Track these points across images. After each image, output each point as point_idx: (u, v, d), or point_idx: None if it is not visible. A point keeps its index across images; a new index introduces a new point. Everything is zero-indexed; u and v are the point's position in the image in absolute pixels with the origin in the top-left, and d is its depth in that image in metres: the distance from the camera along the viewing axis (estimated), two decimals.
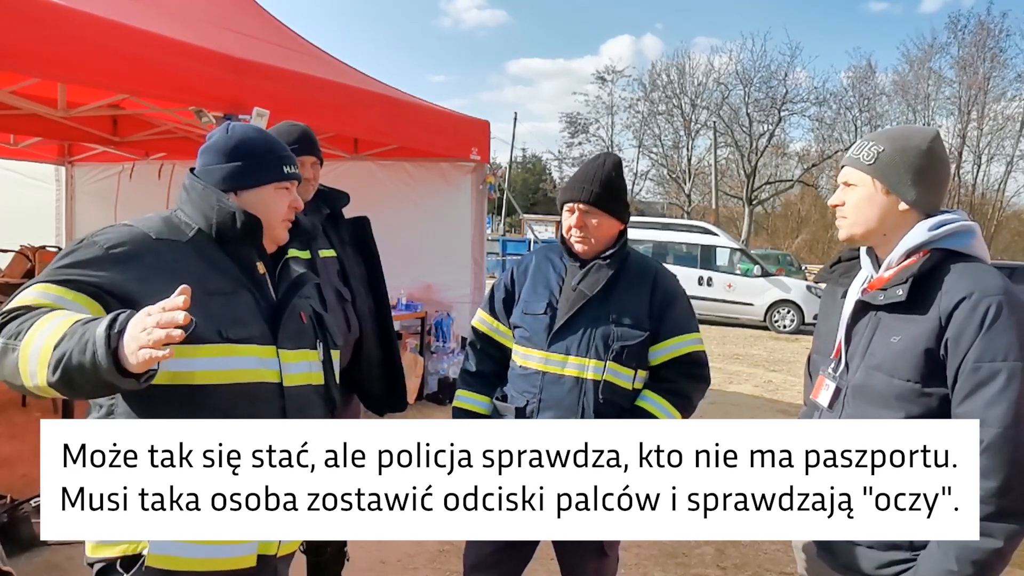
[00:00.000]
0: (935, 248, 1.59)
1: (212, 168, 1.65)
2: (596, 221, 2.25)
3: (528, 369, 2.27)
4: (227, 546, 1.49)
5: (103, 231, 1.55)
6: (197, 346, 1.47)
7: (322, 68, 5.35)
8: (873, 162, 1.64)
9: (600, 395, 2.18)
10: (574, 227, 2.26)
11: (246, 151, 1.66)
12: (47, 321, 1.32)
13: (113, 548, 1.47)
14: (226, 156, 1.65)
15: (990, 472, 1.42)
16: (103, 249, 1.48)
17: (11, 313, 1.37)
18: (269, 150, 1.68)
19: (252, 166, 1.65)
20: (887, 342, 1.59)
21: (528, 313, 2.30)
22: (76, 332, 1.26)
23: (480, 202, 6.66)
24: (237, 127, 1.71)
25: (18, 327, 1.34)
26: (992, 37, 32.14)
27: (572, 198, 2.26)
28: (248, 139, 1.68)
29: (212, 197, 1.61)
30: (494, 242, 23.10)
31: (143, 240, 1.53)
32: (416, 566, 3.59)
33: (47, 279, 1.43)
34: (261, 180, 1.65)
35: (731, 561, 3.88)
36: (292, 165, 1.71)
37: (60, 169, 8.30)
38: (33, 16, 3.15)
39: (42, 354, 1.28)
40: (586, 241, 2.26)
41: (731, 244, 16.18)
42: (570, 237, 2.29)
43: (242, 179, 1.64)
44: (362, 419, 3.04)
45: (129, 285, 1.45)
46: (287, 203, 1.69)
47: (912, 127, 1.75)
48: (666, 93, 37.77)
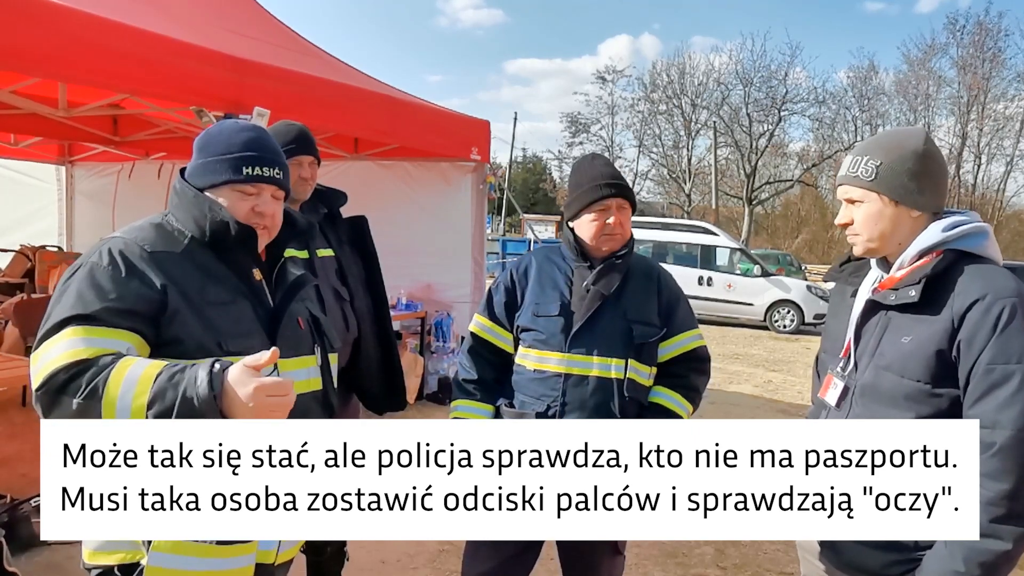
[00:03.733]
0: (948, 249, 1.58)
1: (191, 166, 1.62)
2: (628, 216, 2.27)
3: (545, 372, 2.22)
4: (225, 559, 1.47)
5: (99, 248, 1.51)
6: (198, 360, 1.46)
7: (322, 68, 5.35)
8: (874, 177, 1.62)
9: (625, 393, 2.20)
10: (617, 224, 2.22)
11: (210, 147, 1.60)
12: (120, 377, 1.35)
13: (111, 556, 1.46)
14: (196, 151, 1.61)
15: (1002, 474, 1.42)
16: (109, 270, 1.46)
17: (70, 370, 1.36)
18: (233, 148, 1.58)
19: (210, 164, 1.59)
20: (897, 342, 1.59)
21: (541, 315, 2.25)
22: (167, 392, 1.34)
23: (480, 202, 6.66)
24: (227, 122, 1.65)
25: (89, 384, 1.34)
26: (991, 37, 32.20)
27: (604, 195, 2.21)
28: (219, 136, 1.61)
29: (204, 205, 1.56)
30: (494, 242, 23.10)
31: (140, 254, 1.50)
32: (416, 566, 3.59)
33: (75, 321, 1.41)
34: (215, 179, 1.58)
35: (731, 561, 3.88)
36: (257, 167, 1.58)
37: (60, 169, 8.29)
38: (33, 16, 3.15)
39: (134, 413, 1.34)
40: (621, 238, 2.26)
41: (731, 244, 16.16)
42: (602, 236, 2.23)
43: (200, 176, 1.60)
44: (362, 419, 3.04)
45: (143, 304, 1.46)
46: (248, 207, 1.59)
47: (900, 131, 1.71)
48: (666, 93, 37.79)
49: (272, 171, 1.61)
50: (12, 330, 5.68)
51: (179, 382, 1.34)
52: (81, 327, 1.40)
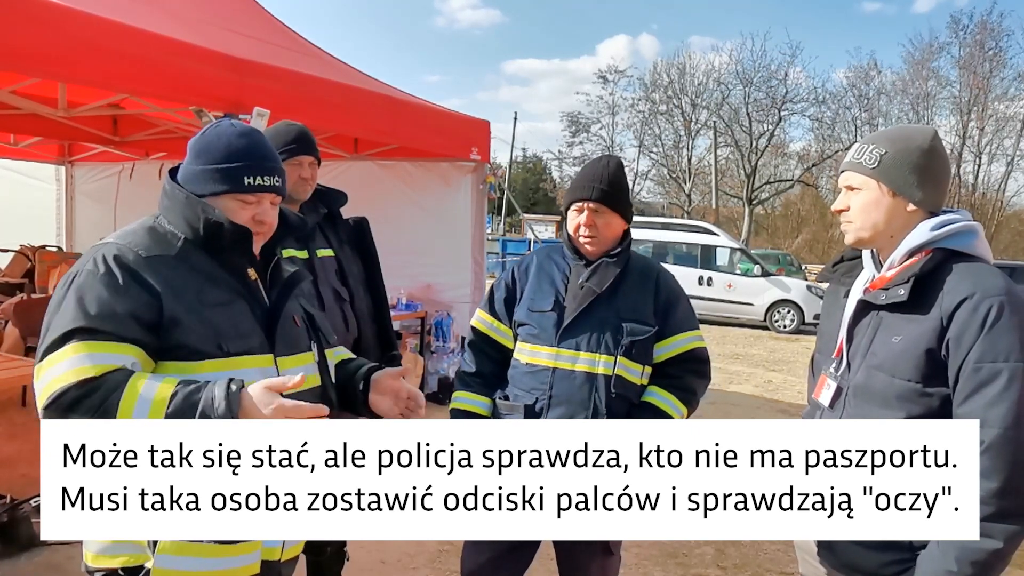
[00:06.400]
0: (937, 248, 1.59)
1: (184, 168, 1.61)
2: (604, 220, 2.27)
3: (536, 366, 2.27)
4: (231, 557, 1.48)
5: (93, 255, 1.50)
6: (198, 362, 1.47)
7: (322, 68, 5.35)
8: (876, 165, 1.63)
9: (612, 390, 2.21)
10: (584, 225, 2.27)
11: (209, 155, 1.58)
12: (133, 398, 1.36)
13: (114, 559, 1.46)
14: (192, 157, 1.60)
15: (991, 473, 1.42)
16: (106, 278, 1.45)
17: (79, 388, 1.36)
18: (234, 157, 1.57)
19: (209, 173, 1.57)
20: (888, 342, 1.59)
21: (535, 310, 2.31)
22: (184, 414, 1.36)
23: (480, 202, 6.66)
24: (223, 125, 1.63)
25: (100, 404, 1.35)
26: (993, 37, 32.19)
27: (581, 197, 2.27)
28: (217, 142, 1.59)
29: (196, 207, 1.55)
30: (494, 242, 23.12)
31: (136, 260, 1.49)
32: (416, 566, 3.59)
33: (78, 335, 1.40)
34: (215, 189, 1.57)
35: (731, 561, 3.88)
36: (259, 176, 1.58)
37: (60, 169, 8.30)
38: (33, 16, 3.15)
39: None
40: (595, 240, 2.28)
41: (731, 244, 16.17)
42: (579, 236, 2.30)
43: (198, 184, 1.58)
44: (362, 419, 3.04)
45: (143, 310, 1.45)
46: (249, 215, 1.59)
47: (910, 127, 1.74)
48: (667, 93, 37.79)
49: (272, 179, 1.61)
50: (12, 330, 5.68)
51: (196, 403, 1.35)
52: (84, 342, 1.39)
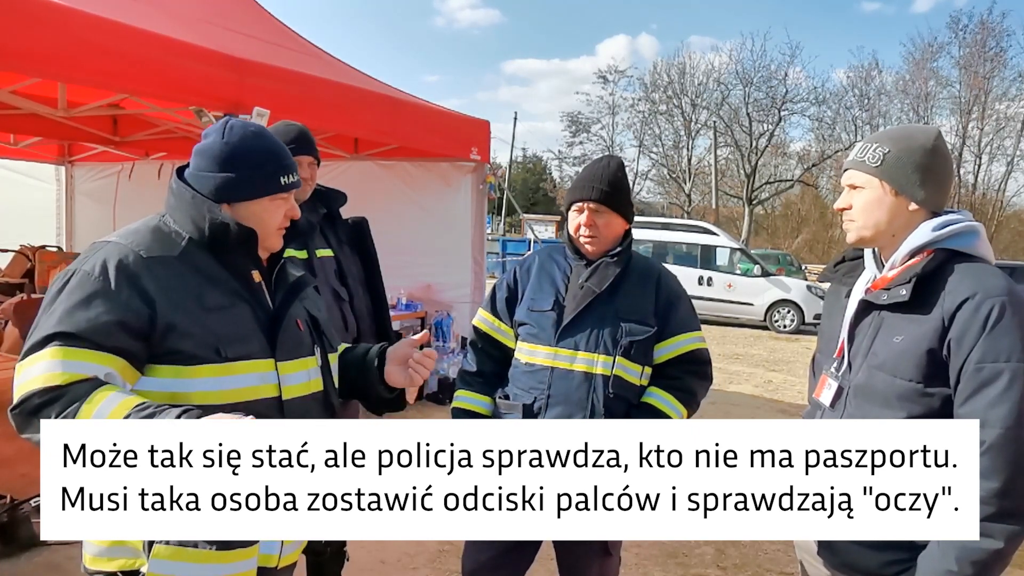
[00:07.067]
0: (939, 248, 1.59)
1: (204, 175, 1.57)
2: (605, 220, 2.27)
3: (535, 365, 2.27)
4: (226, 564, 1.46)
5: (93, 255, 1.49)
6: (195, 367, 1.46)
7: (322, 68, 5.35)
8: (880, 164, 1.63)
9: (610, 390, 2.20)
10: (584, 225, 2.27)
11: (242, 162, 1.57)
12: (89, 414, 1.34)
13: (111, 562, 1.46)
14: (220, 165, 1.57)
15: (991, 473, 1.42)
16: (99, 283, 1.44)
17: (43, 395, 1.36)
18: (266, 160, 1.59)
19: (247, 178, 1.57)
20: (890, 342, 1.59)
21: (534, 310, 2.31)
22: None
23: (480, 202, 6.66)
24: (236, 129, 1.61)
25: (59, 414, 1.35)
26: (993, 37, 32.19)
27: (581, 197, 2.28)
28: (245, 148, 1.58)
29: (203, 207, 1.54)
30: (494, 242, 23.12)
31: (135, 262, 1.48)
32: (416, 566, 3.59)
33: (59, 339, 1.39)
34: (256, 193, 1.58)
35: (731, 561, 3.88)
36: (290, 174, 1.63)
37: (60, 169, 8.30)
38: (33, 16, 3.15)
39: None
40: (595, 240, 2.28)
41: (731, 244, 16.17)
42: (579, 236, 2.30)
43: (236, 191, 1.57)
44: (362, 419, 3.04)
45: (133, 318, 1.44)
46: (283, 213, 1.63)
47: (913, 126, 1.74)
48: (667, 93, 37.79)
49: (296, 175, 1.66)
50: (12, 330, 5.67)
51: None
52: (62, 348, 1.38)
